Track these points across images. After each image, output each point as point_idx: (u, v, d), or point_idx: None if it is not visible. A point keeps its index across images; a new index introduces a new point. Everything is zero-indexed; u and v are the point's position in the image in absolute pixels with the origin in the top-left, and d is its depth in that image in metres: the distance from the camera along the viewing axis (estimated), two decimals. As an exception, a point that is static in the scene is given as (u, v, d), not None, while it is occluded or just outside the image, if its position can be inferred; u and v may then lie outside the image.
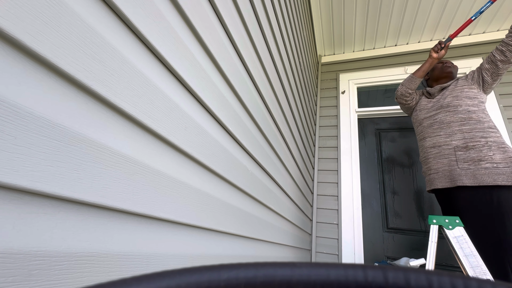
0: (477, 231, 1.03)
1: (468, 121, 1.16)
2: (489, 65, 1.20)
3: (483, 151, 1.09)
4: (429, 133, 1.28)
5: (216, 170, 0.57)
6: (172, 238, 0.44)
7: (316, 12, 2.11)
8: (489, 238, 0.99)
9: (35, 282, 0.25)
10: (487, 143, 1.09)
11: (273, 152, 0.99)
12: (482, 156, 1.08)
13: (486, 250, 1.00)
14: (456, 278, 0.12)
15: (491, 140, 1.10)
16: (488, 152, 1.08)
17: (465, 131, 1.15)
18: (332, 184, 1.99)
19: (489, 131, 1.12)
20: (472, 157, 1.10)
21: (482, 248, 1.01)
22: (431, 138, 1.26)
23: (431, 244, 1.02)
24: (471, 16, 1.32)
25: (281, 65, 1.09)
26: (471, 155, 1.11)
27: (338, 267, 0.13)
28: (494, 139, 1.10)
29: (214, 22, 0.57)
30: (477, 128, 1.14)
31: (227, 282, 0.12)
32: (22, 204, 0.24)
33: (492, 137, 1.10)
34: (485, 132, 1.12)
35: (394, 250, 1.74)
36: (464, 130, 1.16)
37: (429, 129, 1.28)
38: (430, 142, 1.26)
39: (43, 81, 0.26)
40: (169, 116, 0.43)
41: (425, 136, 1.29)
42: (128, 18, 0.35)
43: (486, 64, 1.21)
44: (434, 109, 1.29)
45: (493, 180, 1.03)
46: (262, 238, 0.85)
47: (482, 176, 1.05)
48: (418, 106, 1.40)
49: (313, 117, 2.12)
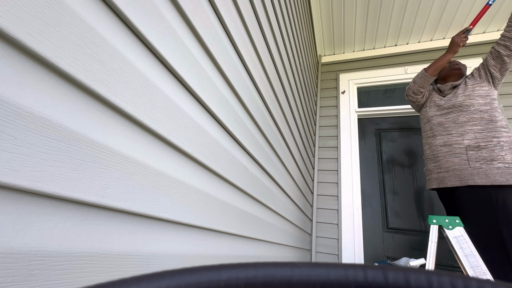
0: (481, 230, 1.04)
1: (480, 121, 1.17)
2: (495, 61, 1.20)
3: (495, 151, 1.09)
4: (440, 131, 1.27)
5: (216, 170, 0.57)
6: (172, 238, 0.44)
7: (316, 12, 2.11)
8: (493, 238, 1.00)
9: (35, 282, 0.25)
10: (499, 143, 1.10)
11: (273, 152, 0.99)
12: (494, 156, 1.08)
13: (488, 249, 1.00)
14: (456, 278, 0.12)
15: (503, 140, 1.10)
16: (500, 152, 1.08)
17: (477, 131, 1.15)
18: (332, 184, 1.99)
19: (501, 131, 1.12)
20: (484, 156, 1.10)
21: (485, 247, 1.02)
22: (442, 137, 1.26)
23: (431, 244, 1.02)
24: (488, 1, 1.31)
25: (281, 65, 1.09)
26: (483, 154, 1.11)
27: (338, 267, 0.13)
28: (506, 139, 1.10)
29: (214, 22, 0.57)
30: (489, 128, 1.14)
31: (227, 282, 0.12)
32: (22, 204, 0.24)
33: (504, 137, 1.11)
34: (497, 131, 1.12)
35: (394, 250, 1.74)
36: (476, 130, 1.16)
37: (440, 127, 1.28)
38: (441, 141, 1.25)
39: (43, 81, 0.26)
40: (169, 116, 0.43)
41: (435, 134, 1.29)
42: (128, 18, 0.35)
43: (491, 61, 1.21)
44: (446, 107, 1.29)
45: (506, 179, 1.03)
46: (262, 238, 0.85)
47: (495, 175, 1.05)
48: (428, 103, 1.39)
49: (313, 117, 2.12)
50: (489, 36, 2.03)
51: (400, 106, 2.06)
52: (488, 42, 2.02)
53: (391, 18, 2.07)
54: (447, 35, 2.14)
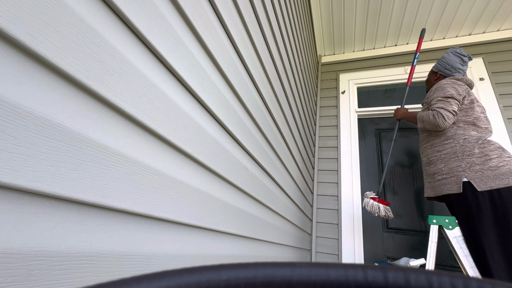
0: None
1: (429, 137, 1.28)
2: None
3: (437, 165, 1.20)
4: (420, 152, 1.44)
5: (216, 170, 0.57)
6: (172, 238, 0.44)
7: (316, 12, 2.11)
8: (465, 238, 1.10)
9: (35, 282, 0.25)
10: (441, 156, 1.19)
11: (273, 152, 0.99)
12: (435, 170, 1.20)
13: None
14: (456, 278, 0.12)
15: (444, 152, 1.18)
16: (440, 165, 1.18)
17: (428, 147, 1.27)
18: (332, 184, 1.99)
19: (444, 143, 1.19)
20: (431, 171, 1.23)
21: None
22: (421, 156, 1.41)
23: (431, 244, 1.03)
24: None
25: (281, 65, 1.09)
26: (430, 169, 1.24)
27: (338, 267, 0.13)
28: (448, 150, 1.17)
29: (214, 22, 0.57)
30: (435, 143, 1.24)
31: (227, 282, 0.12)
32: (22, 204, 0.24)
33: (446, 149, 1.18)
34: (440, 145, 1.21)
35: (394, 250, 1.74)
36: (427, 147, 1.28)
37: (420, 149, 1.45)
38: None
39: (43, 81, 0.26)
40: (169, 116, 0.43)
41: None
42: (128, 18, 0.35)
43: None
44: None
45: (441, 190, 1.15)
46: (262, 238, 0.85)
47: (437, 187, 1.18)
48: None
49: (313, 117, 2.12)
50: (489, 36, 2.03)
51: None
52: (488, 42, 2.02)
53: (391, 18, 2.07)
54: (447, 35, 2.14)
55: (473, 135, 1.13)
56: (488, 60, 1.95)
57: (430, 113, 1.21)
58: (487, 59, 1.96)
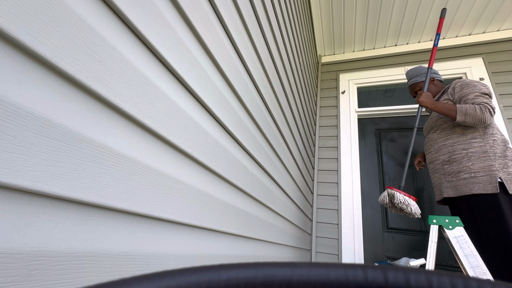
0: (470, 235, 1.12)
1: (452, 135, 1.22)
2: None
3: (463, 163, 1.14)
4: (426, 150, 1.37)
5: (216, 170, 0.57)
6: (172, 238, 0.44)
7: (316, 12, 2.11)
8: (476, 242, 1.07)
9: (35, 282, 0.25)
10: (467, 154, 1.14)
11: (273, 152, 0.99)
12: (461, 168, 1.14)
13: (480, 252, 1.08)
14: (456, 278, 0.12)
15: (472, 150, 1.14)
16: (467, 163, 1.13)
17: (449, 144, 1.21)
18: (332, 184, 1.99)
19: (472, 142, 1.15)
20: (453, 169, 1.17)
21: (478, 251, 1.08)
22: (427, 155, 1.35)
23: (431, 244, 1.02)
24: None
25: (281, 65, 1.09)
26: (453, 168, 1.17)
27: (338, 267, 0.13)
28: (476, 149, 1.13)
29: (214, 22, 0.57)
30: (459, 141, 1.18)
31: (227, 282, 0.12)
32: (22, 204, 0.24)
33: (474, 147, 1.14)
34: (467, 143, 1.16)
35: (394, 250, 1.74)
36: (448, 144, 1.22)
37: (425, 146, 1.38)
38: (428, 159, 1.35)
39: (43, 81, 0.26)
40: (169, 116, 0.43)
41: (426, 153, 1.39)
42: (128, 18, 0.35)
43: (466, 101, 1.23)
44: (427, 128, 1.38)
45: (469, 189, 1.09)
46: (262, 238, 0.85)
47: (461, 187, 1.12)
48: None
49: (313, 117, 2.12)
50: (489, 36, 2.03)
51: (400, 106, 2.06)
52: (488, 42, 2.02)
53: (391, 18, 2.07)
54: (447, 35, 2.14)
55: (499, 137, 1.12)
56: (488, 60, 1.95)
57: (476, 107, 1.09)
58: (487, 59, 1.96)
